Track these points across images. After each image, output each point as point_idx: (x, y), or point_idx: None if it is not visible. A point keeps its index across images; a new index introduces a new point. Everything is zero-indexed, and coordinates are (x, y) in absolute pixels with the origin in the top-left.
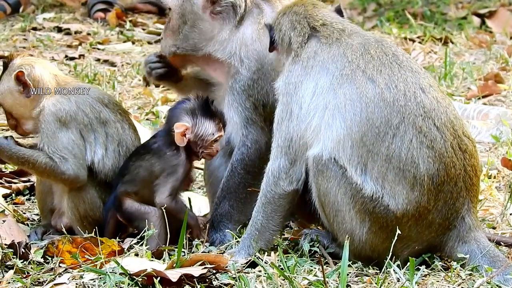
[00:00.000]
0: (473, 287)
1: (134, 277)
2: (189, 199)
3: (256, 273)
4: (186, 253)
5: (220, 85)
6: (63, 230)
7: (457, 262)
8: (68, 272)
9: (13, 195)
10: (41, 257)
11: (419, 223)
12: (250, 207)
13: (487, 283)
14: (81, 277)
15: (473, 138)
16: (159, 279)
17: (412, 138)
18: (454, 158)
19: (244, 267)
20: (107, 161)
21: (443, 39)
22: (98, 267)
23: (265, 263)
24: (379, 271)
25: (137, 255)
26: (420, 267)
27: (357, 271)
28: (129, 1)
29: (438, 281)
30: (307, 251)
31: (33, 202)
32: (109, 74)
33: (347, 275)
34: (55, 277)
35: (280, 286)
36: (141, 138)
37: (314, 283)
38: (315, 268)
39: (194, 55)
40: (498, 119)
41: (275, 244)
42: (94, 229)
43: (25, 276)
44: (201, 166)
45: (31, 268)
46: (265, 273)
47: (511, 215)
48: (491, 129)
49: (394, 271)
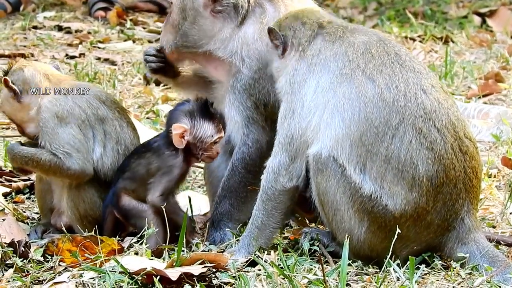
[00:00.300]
0: (472, 286)
1: (134, 275)
2: (189, 198)
3: (256, 272)
4: (186, 252)
5: (220, 84)
6: (63, 228)
7: (456, 261)
8: (68, 270)
9: (13, 193)
10: (41, 256)
11: (418, 224)
12: (250, 206)
13: (487, 282)
14: (81, 276)
15: (475, 140)
16: (159, 277)
17: (411, 139)
18: (454, 160)
19: (244, 266)
20: (106, 159)
21: (444, 38)
22: (98, 266)
23: (265, 262)
24: (379, 270)
25: (137, 254)
26: (420, 266)
27: (357, 270)
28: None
29: (438, 280)
30: (307, 250)
31: (33, 200)
32: (110, 73)
33: (347, 274)
34: (55, 275)
35: (280, 285)
36: (141, 137)
37: (314, 282)
38: (315, 267)
39: (194, 52)
40: (498, 118)
41: (275, 243)
42: (94, 228)
43: (25, 274)
44: (201, 165)
45: (31, 266)
46: (265, 272)
47: (511, 214)
48: (491, 128)
49: (394, 270)
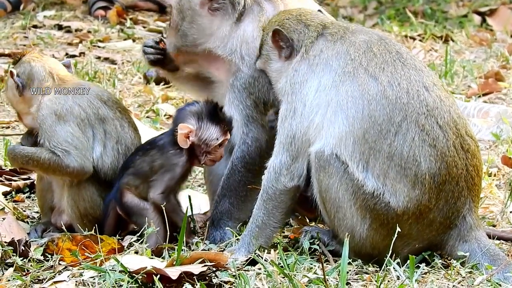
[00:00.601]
0: (473, 284)
1: (133, 274)
2: (189, 197)
3: (256, 271)
4: (186, 251)
5: (220, 83)
6: (63, 228)
7: (457, 260)
8: (67, 269)
9: (13, 192)
10: (41, 255)
11: (420, 221)
12: (250, 205)
13: (487, 280)
14: (81, 275)
15: (475, 138)
16: (159, 276)
17: (414, 136)
18: (456, 157)
19: (244, 265)
20: (106, 159)
21: (444, 37)
22: (98, 265)
23: (265, 260)
24: (379, 269)
25: (137, 252)
26: (420, 265)
27: (357, 268)
28: None
29: (438, 279)
30: (307, 249)
31: (33, 199)
32: (110, 72)
33: (347, 272)
34: (55, 274)
35: (280, 284)
36: (141, 136)
37: (314, 281)
38: (315, 265)
39: (195, 52)
40: (498, 117)
41: (275, 241)
42: (94, 227)
43: (25, 273)
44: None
45: (31, 265)
46: (265, 271)
47: (511, 213)
48: (491, 127)
49: (394, 268)
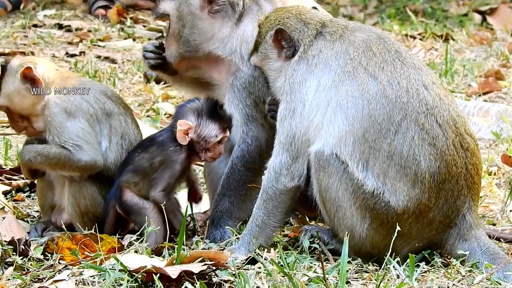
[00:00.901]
0: (472, 283)
1: (133, 273)
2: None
3: (256, 270)
4: (186, 250)
5: (220, 83)
6: (63, 226)
7: (456, 259)
8: (67, 268)
9: (13, 192)
10: (41, 254)
11: (420, 221)
12: (250, 204)
13: (487, 279)
14: (81, 274)
15: (475, 136)
16: (158, 275)
17: (414, 135)
18: (455, 156)
19: (244, 263)
20: (110, 154)
21: (444, 36)
22: (97, 264)
23: (265, 259)
24: (379, 268)
25: (136, 251)
26: (420, 264)
27: (357, 267)
28: None
29: (437, 278)
30: (307, 248)
31: (33, 199)
32: (110, 71)
33: (347, 271)
34: (55, 273)
35: (279, 282)
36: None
37: (314, 279)
38: (315, 264)
39: (197, 57)
40: (498, 116)
41: (275, 240)
42: (94, 226)
43: (24, 272)
44: (201, 162)
45: (31, 264)
46: (265, 270)
47: (511, 211)
48: (491, 126)
49: (393, 267)
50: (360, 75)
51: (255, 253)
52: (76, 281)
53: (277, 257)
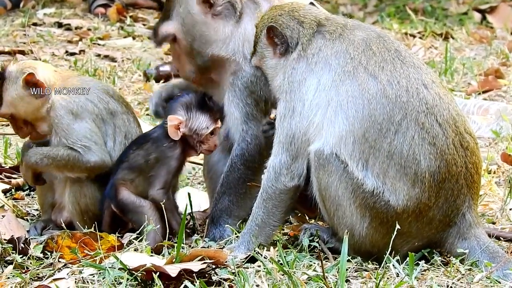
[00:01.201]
0: (472, 282)
1: (133, 272)
2: (189, 194)
3: (255, 268)
4: (185, 248)
5: (218, 81)
6: (63, 225)
7: (456, 257)
8: (67, 267)
9: (13, 190)
10: (41, 252)
11: (420, 220)
12: (250, 203)
13: (487, 278)
14: (80, 272)
15: (475, 135)
16: (158, 274)
17: (414, 134)
18: (455, 155)
19: (243, 262)
20: (114, 153)
21: (444, 35)
22: (97, 262)
23: (265, 258)
24: (378, 266)
25: (136, 250)
26: (419, 262)
27: (356, 266)
28: None
29: (437, 276)
30: (307, 246)
31: (32, 197)
32: (110, 69)
33: (347, 270)
34: (55, 272)
35: (279, 281)
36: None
37: (313, 278)
38: (314, 263)
39: (207, 64)
40: (498, 114)
41: (275, 239)
42: (93, 224)
43: (24, 271)
44: (201, 161)
45: (31, 263)
46: (265, 268)
47: (510, 210)
48: (491, 124)
49: (393, 266)
50: (360, 75)
51: (254, 251)
52: (75, 279)
53: (277, 255)
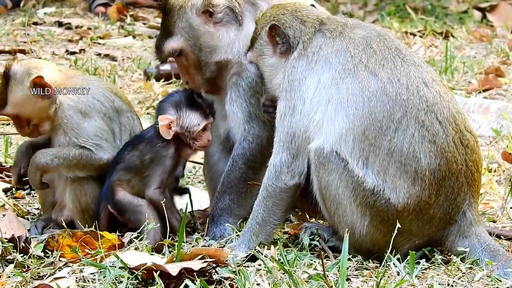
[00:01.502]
0: (473, 280)
1: (134, 271)
2: (190, 193)
3: (256, 267)
4: (186, 247)
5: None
6: (63, 224)
7: (457, 256)
8: (68, 266)
9: (13, 189)
10: (41, 251)
11: (420, 218)
12: (250, 202)
13: (487, 276)
14: (81, 271)
15: (475, 133)
16: (159, 273)
17: (414, 132)
18: (455, 153)
19: (244, 261)
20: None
21: (444, 33)
22: (98, 261)
23: (265, 256)
24: (379, 265)
25: (137, 249)
26: (420, 261)
27: (357, 264)
28: None
29: (438, 275)
30: (307, 245)
31: (33, 196)
32: (110, 68)
33: (347, 268)
34: (55, 271)
35: (280, 279)
36: None
37: (314, 276)
38: (315, 261)
39: (213, 71)
40: (498, 113)
41: (275, 238)
42: (94, 223)
43: (25, 270)
44: (201, 160)
45: (31, 262)
46: (265, 267)
47: (511, 208)
48: (491, 122)
49: (394, 264)
50: (360, 73)
51: (255, 250)
52: (76, 278)
53: (277, 254)
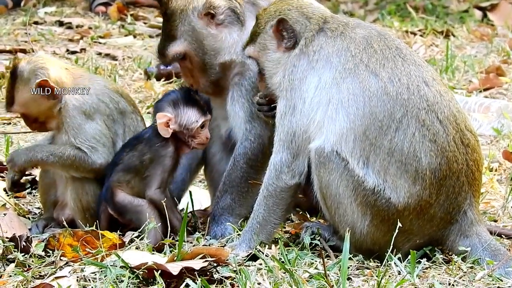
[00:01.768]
0: (474, 279)
1: (134, 270)
2: (190, 192)
3: (257, 266)
4: (187, 246)
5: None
6: (64, 223)
7: (458, 255)
8: (69, 265)
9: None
10: (42, 251)
11: (421, 217)
12: (251, 201)
13: (488, 275)
14: (82, 270)
15: (475, 132)
16: (160, 272)
17: (414, 131)
18: (456, 152)
19: (245, 260)
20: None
21: (445, 32)
22: (99, 260)
23: (266, 256)
24: (380, 264)
25: (138, 248)
26: (421, 260)
27: (358, 264)
28: None
29: (439, 274)
30: (308, 244)
31: (34, 195)
32: (110, 68)
33: (348, 268)
34: (56, 270)
35: (280, 279)
36: None
37: (315, 276)
38: (316, 261)
39: (217, 73)
40: (499, 112)
41: (276, 237)
42: (95, 222)
43: (26, 269)
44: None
45: (32, 261)
46: (266, 266)
47: None
48: (492, 122)
49: (395, 264)
50: (361, 73)
51: (256, 249)
52: (77, 277)
53: (278, 253)
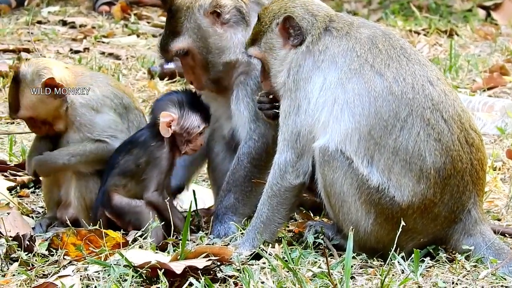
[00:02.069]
0: (477, 278)
1: (138, 269)
2: (194, 191)
3: (260, 265)
4: (190, 245)
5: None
6: (68, 222)
7: (461, 254)
8: (72, 264)
9: (18, 188)
10: (46, 250)
11: (425, 216)
12: (255, 200)
13: (492, 274)
14: (86, 269)
15: (480, 131)
16: (163, 271)
17: (419, 130)
18: (461, 151)
19: (248, 259)
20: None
21: (448, 32)
22: (102, 259)
23: (270, 255)
24: (383, 263)
25: (141, 247)
26: (424, 259)
27: (361, 262)
28: None
29: (442, 273)
30: (312, 243)
31: (37, 195)
32: (114, 67)
33: (352, 266)
34: (60, 269)
35: (284, 278)
36: None
37: (318, 275)
38: (319, 260)
39: (220, 71)
40: (503, 111)
41: (280, 236)
42: (98, 221)
43: (29, 268)
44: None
45: (36, 260)
46: (270, 265)
47: None
48: (496, 121)
49: (398, 262)
50: (366, 73)
51: (259, 248)
52: (81, 276)
53: (282, 252)
